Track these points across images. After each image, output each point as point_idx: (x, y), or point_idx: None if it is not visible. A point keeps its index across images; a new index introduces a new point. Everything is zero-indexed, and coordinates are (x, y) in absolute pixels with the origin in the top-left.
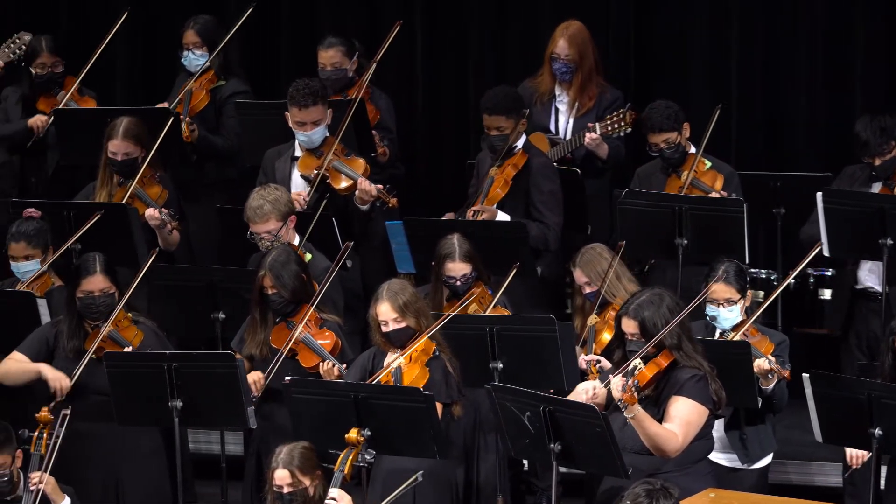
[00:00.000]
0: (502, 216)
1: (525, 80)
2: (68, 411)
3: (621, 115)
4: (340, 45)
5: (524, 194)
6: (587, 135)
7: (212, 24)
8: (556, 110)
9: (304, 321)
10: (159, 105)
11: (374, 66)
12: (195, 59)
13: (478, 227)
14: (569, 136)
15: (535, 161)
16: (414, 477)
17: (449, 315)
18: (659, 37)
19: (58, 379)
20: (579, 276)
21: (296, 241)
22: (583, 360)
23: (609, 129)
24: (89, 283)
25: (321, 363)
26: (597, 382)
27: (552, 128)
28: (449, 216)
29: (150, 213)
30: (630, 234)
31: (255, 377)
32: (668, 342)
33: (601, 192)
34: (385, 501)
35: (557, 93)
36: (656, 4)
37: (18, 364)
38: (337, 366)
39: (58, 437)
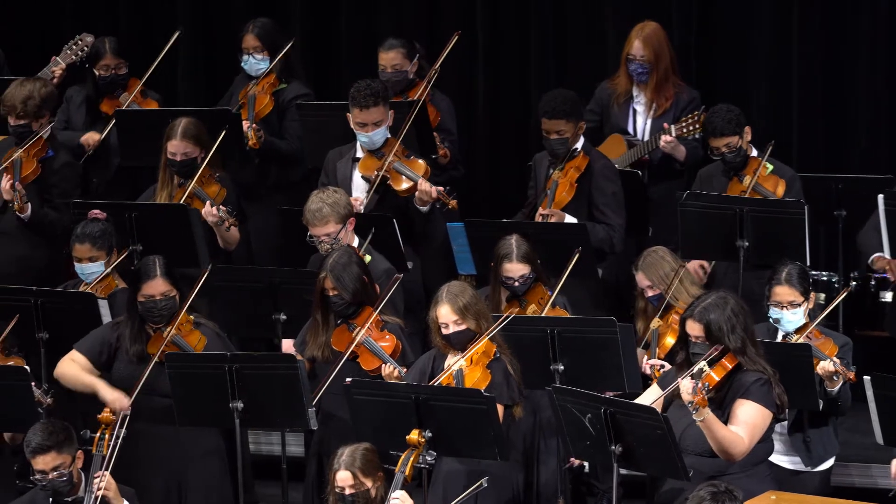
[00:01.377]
0: (570, 219)
1: (603, 81)
2: (128, 411)
3: (696, 118)
4: (401, 46)
5: (587, 196)
6: (662, 137)
7: (271, 26)
8: (634, 111)
9: (367, 324)
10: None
11: (435, 72)
12: (255, 63)
13: (538, 229)
14: (646, 138)
15: (596, 163)
16: (479, 483)
17: (508, 317)
18: (720, 40)
19: (116, 400)
20: (641, 280)
21: (355, 242)
22: (646, 364)
23: (684, 130)
24: (150, 286)
25: (382, 366)
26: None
27: (630, 129)
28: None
29: (208, 209)
30: (691, 236)
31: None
32: (733, 346)
33: (669, 194)
34: None
35: (635, 94)
36: (718, 7)
37: (76, 371)
38: (397, 369)
39: (118, 437)
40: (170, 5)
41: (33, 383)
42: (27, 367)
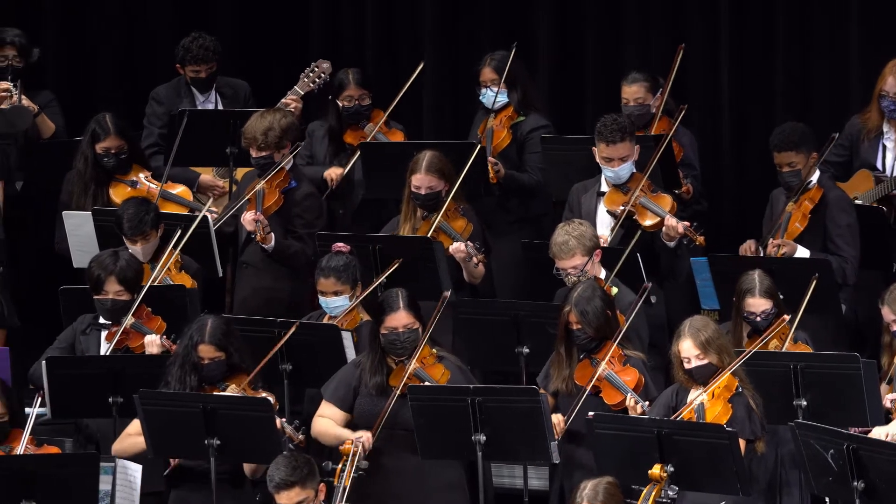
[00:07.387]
0: (802, 251)
1: (853, 115)
2: (369, 444)
3: None
4: (644, 80)
5: (821, 228)
6: None
7: (507, 59)
8: (884, 147)
9: (608, 358)
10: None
11: (667, 96)
12: (493, 95)
13: (780, 264)
14: (895, 174)
15: (830, 195)
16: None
17: (750, 351)
18: None
19: (358, 440)
20: (887, 314)
21: (601, 275)
22: (888, 398)
23: None
24: (393, 319)
25: (626, 399)
26: (891, 428)
27: (879, 164)
28: (749, 243)
29: (456, 247)
30: None
31: (555, 420)
32: None
33: None
34: None
35: (885, 130)
36: None
37: (326, 428)
38: (640, 403)
39: (357, 468)
40: (416, 37)
41: (284, 419)
42: (270, 398)
